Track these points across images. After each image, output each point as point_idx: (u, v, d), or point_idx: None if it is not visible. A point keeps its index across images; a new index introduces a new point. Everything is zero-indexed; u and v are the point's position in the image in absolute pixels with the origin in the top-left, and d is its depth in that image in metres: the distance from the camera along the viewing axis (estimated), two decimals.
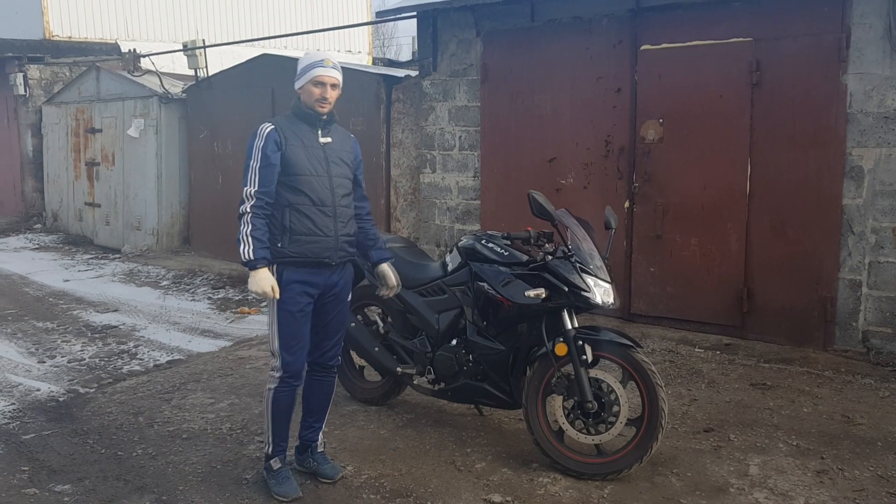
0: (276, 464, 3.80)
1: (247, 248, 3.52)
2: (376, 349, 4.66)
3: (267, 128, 3.64)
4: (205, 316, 7.62)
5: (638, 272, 6.78)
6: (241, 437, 4.46)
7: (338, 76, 3.68)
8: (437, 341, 4.39)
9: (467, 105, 7.78)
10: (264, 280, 3.54)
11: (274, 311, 3.66)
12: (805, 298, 5.97)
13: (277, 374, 3.71)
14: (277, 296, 3.58)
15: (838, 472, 3.95)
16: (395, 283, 4.09)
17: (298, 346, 3.70)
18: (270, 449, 3.82)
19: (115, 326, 7.17)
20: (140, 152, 11.29)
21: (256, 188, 3.56)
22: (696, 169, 6.40)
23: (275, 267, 3.62)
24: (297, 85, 3.71)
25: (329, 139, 3.74)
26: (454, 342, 4.31)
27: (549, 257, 3.94)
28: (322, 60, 3.66)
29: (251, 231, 3.53)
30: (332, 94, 3.67)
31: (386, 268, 4.09)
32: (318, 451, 3.98)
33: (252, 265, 3.53)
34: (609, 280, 3.96)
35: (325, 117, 3.71)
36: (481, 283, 4.12)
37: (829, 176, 5.82)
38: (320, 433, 4.01)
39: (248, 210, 3.55)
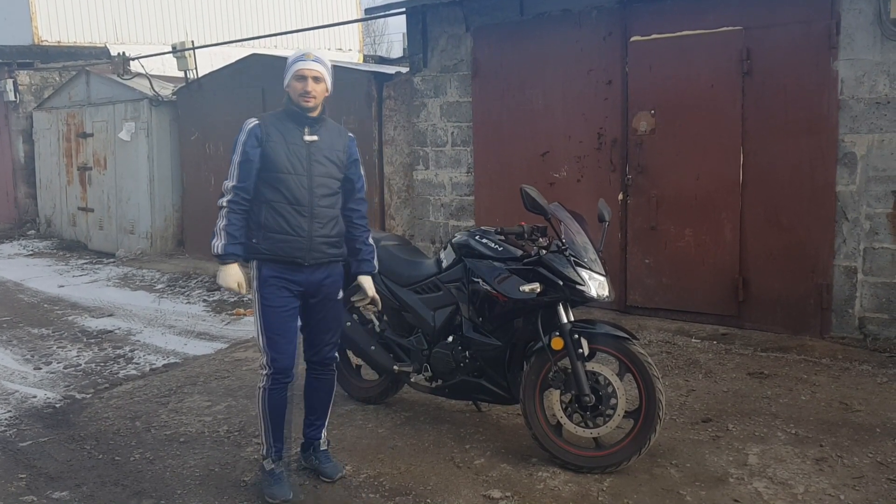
0: (268, 464, 3.76)
1: (218, 241, 3.57)
2: (373, 348, 4.65)
3: (250, 123, 3.63)
4: (200, 318, 7.60)
5: (633, 264, 6.77)
6: (238, 440, 4.45)
7: (319, 68, 3.60)
8: (434, 338, 4.38)
9: (459, 101, 7.76)
10: (231, 276, 3.61)
11: (258, 309, 3.65)
12: (801, 286, 5.96)
13: (266, 372, 3.67)
14: (244, 291, 3.63)
15: (837, 460, 3.95)
16: (370, 298, 3.99)
17: (284, 343, 3.65)
18: (265, 450, 3.77)
19: (111, 331, 7.15)
20: (132, 156, 11.26)
21: (234, 183, 3.58)
22: (688, 159, 6.39)
23: (255, 263, 3.64)
24: (284, 83, 3.67)
25: (316, 137, 3.65)
26: (450, 339, 4.30)
27: (544, 252, 3.94)
28: (303, 55, 3.62)
29: (225, 226, 3.57)
30: (316, 88, 3.59)
31: (363, 280, 3.97)
32: (321, 448, 3.97)
33: (222, 259, 3.59)
34: (604, 273, 3.95)
35: (312, 114, 3.63)
36: (476, 280, 4.11)
37: (822, 163, 5.81)
38: (323, 430, 3.99)
39: (225, 204, 3.58)
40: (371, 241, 4.00)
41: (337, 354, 4.00)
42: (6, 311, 8.12)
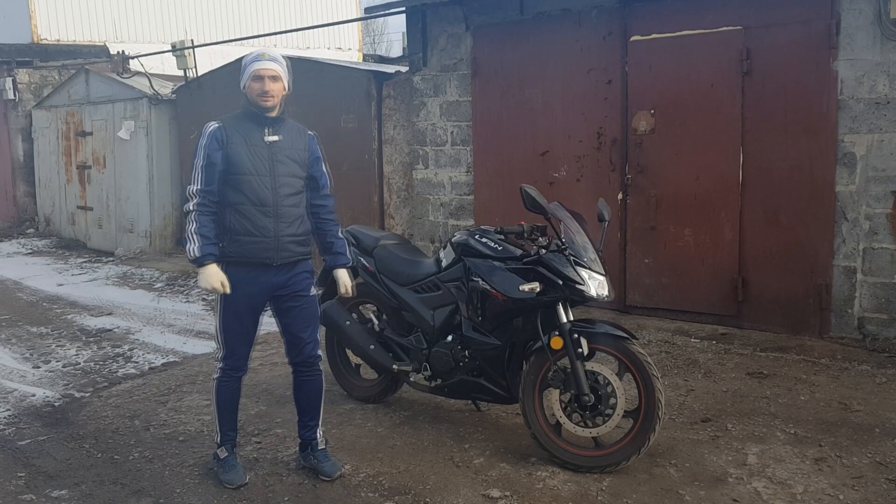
0: (222, 453, 3.90)
1: (193, 245, 3.58)
2: (372, 347, 4.65)
3: (211, 126, 3.67)
4: (199, 317, 7.60)
5: (632, 264, 6.77)
6: (237, 438, 4.44)
7: (276, 67, 3.63)
8: (433, 338, 4.38)
9: (458, 100, 7.76)
10: (213, 276, 3.60)
11: (219, 309, 3.75)
12: (800, 286, 5.96)
13: (219, 366, 3.84)
14: (228, 290, 3.63)
15: (836, 460, 3.95)
16: (345, 291, 4.05)
17: (240, 345, 3.80)
18: (218, 438, 3.91)
19: (110, 330, 7.15)
20: (131, 154, 11.25)
21: (200, 186, 3.61)
22: (688, 159, 6.39)
23: (222, 265, 3.67)
24: (242, 84, 3.70)
25: (277, 137, 3.69)
26: (450, 338, 4.30)
27: (543, 251, 3.93)
28: (259, 55, 3.65)
29: (197, 228, 3.58)
30: (274, 87, 3.63)
31: (338, 274, 4.02)
32: (319, 448, 3.98)
33: (199, 262, 3.59)
34: (603, 272, 3.95)
35: (272, 114, 3.67)
36: (475, 279, 4.11)
37: (822, 163, 5.81)
38: (318, 430, 4.00)
39: (193, 208, 3.60)
40: (342, 234, 4.04)
41: (321, 353, 4.00)
42: (5, 309, 8.11)
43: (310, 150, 3.84)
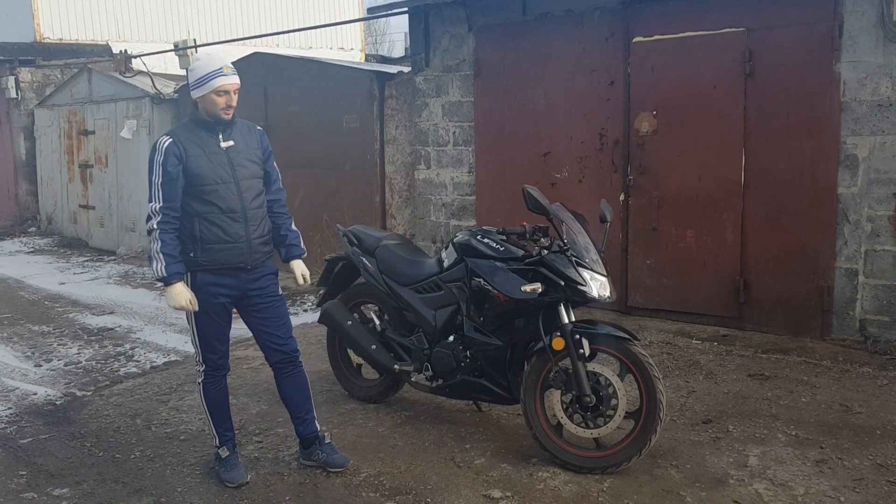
0: (223, 452, 3.93)
1: (159, 264, 3.59)
2: (373, 347, 4.65)
3: (165, 142, 3.63)
4: None
5: (634, 265, 6.77)
6: (238, 438, 4.43)
7: (238, 81, 3.69)
8: (435, 338, 4.38)
9: (461, 100, 7.76)
10: (180, 295, 3.62)
11: (191, 313, 3.75)
12: (802, 288, 5.96)
13: (201, 369, 3.87)
14: (195, 308, 3.67)
15: (837, 462, 3.95)
16: (302, 281, 4.06)
17: (217, 343, 3.84)
18: (217, 440, 3.94)
19: (112, 329, 7.15)
20: (133, 153, 11.25)
21: (161, 204, 3.59)
22: (690, 160, 6.39)
23: (188, 273, 3.69)
24: (197, 94, 3.66)
25: (231, 142, 3.73)
26: (451, 338, 4.31)
27: (545, 252, 3.93)
28: (221, 69, 3.63)
29: (161, 248, 3.58)
30: (236, 100, 3.70)
31: (294, 265, 4.04)
32: (326, 441, 4.01)
33: (167, 281, 3.61)
34: (605, 273, 3.95)
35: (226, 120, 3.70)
36: (477, 279, 4.11)
37: (824, 165, 5.81)
38: (316, 423, 4.03)
39: (156, 227, 3.59)
40: (294, 227, 4.06)
41: (299, 348, 4.03)
42: (7, 308, 8.12)
43: (262, 146, 3.90)
